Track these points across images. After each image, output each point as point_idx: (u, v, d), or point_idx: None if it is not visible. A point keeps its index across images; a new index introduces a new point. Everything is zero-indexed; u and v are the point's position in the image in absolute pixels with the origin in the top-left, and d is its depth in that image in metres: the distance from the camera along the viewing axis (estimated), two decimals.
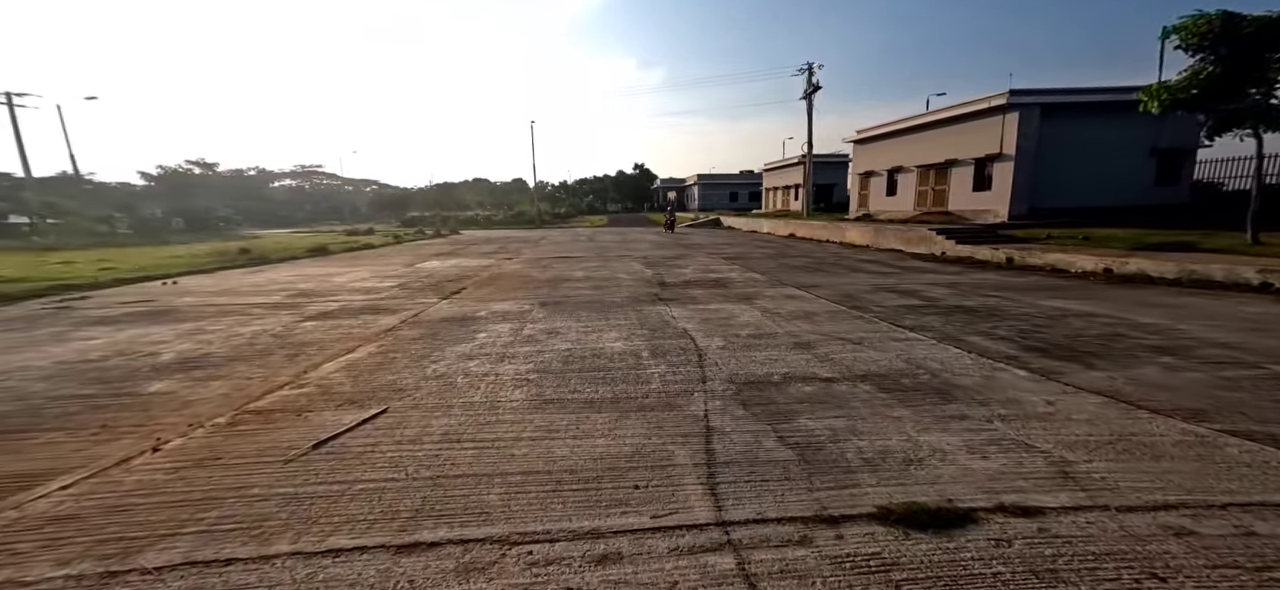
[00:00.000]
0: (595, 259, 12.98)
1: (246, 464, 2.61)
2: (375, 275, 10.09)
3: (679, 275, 9.65)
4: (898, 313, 5.97)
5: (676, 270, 10.44)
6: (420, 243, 20.85)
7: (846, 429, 2.91)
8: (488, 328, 5.57)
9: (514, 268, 11.22)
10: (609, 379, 3.86)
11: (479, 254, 14.96)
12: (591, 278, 9.46)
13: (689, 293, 7.66)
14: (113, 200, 35.18)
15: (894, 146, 20.78)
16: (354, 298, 7.49)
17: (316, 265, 12.16)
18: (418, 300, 7.29)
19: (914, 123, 19.53)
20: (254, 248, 15.10)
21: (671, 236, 22.55)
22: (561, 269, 10.84)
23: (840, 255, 13.15)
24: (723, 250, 15.20)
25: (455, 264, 12.16)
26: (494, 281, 9.14)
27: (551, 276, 9.67)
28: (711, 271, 10.13)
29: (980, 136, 16.15)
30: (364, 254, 15.36)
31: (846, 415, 3.10)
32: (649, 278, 9.34)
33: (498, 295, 7.67)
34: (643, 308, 6.54)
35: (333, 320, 5.97)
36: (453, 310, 6.54)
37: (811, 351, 4.44)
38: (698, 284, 8.50)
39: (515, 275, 9.95)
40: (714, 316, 5.96)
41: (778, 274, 9.54)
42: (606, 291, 7.90)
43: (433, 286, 8.56)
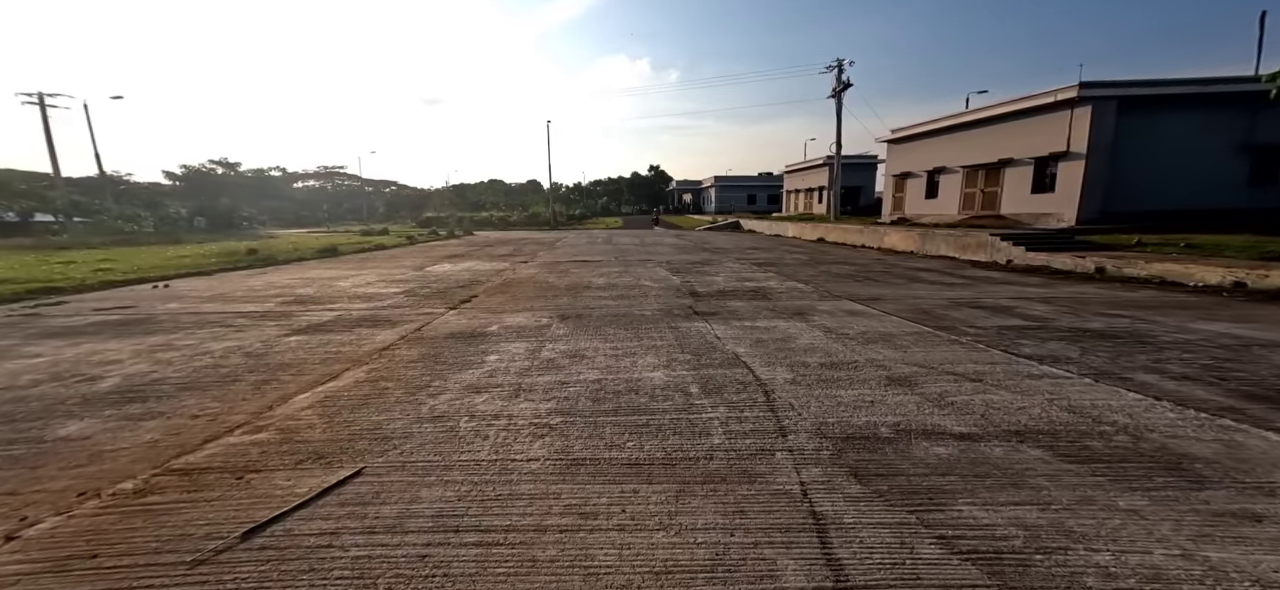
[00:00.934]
0: (615, 264, 12.09)
1: (129, 569, 1.75)
2: (381, 279, 9.34)
3: (711, 283, 8.70)
4: (1004, 336, 4.92)
5: (706, 278, 9.50)
6: (433, 244, 20.24)
7: (1051, 526, 1.95)
8: (500, 348, 4.70)
9: (529, 273, 10.39)
10: (655, 426, 2.95)
11: (493, 257, 14.19)
12: (614, 285, 8.57)
13: (728, 305, 6.71)
14: (140, 199, 35.50)
15: (935, 146, 19.51)
16: (353, 306, 6.70)
17: (323, 267, 11.49)
18: (422, 310, 6.47)
19: (959, 120, 18.25)
20: (264, 248, 14.56)
21: (691, 239, 21.58)
22: (580, 275, 9.97)
23: (886, 262, 12.04)
24: (751, 255, 14.20)
25: (467, 268, 11.38)
26: (508, 289, 8.31)
27: (570, 283, 8.81)
28: (746, 279, 9.16)
29: (1042, 133, 14.80)
30: (374, 255, 14.72)
31: (1035, 501, 2.13)
32: (678, 286, 8.42)
33: (512, 306, 6.82)
34: (678, 324, 5.62)
35: (322, 335, 5.16)
36: (461, 324, 5.69)
37: (916, 390, 3.46)
38: (735, 295, 7.55)
39: (531, 281, 9.11)
40: (767, 337, 5.01)
41: (823, 283, 8.53)
42: (633, 302, 6.99)
43: (441, 294, 7.75)
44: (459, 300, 7.17)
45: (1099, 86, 13.51)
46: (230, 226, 38.32)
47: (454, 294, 7.73)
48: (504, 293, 7.87)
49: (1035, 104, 14.88)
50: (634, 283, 8.87)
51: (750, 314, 6.11)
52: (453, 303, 6.99)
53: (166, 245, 17.42)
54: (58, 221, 28.89)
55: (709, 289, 8.08)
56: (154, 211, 31.91)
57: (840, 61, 24.13)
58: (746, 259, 13.09)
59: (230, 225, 39.41)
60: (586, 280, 9.16)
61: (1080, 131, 13.60)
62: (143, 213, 35.64)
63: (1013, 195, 16.15)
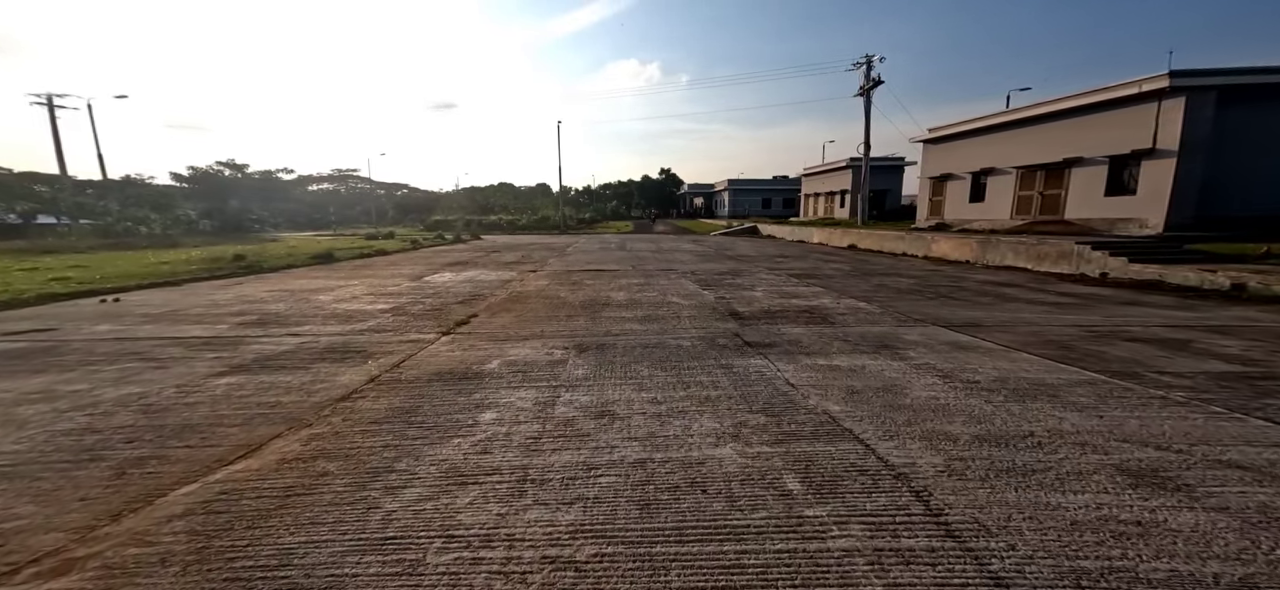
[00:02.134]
0: (634, 274, 10.84)
1: None
2: (370, 292, 8.16)
3: (751, 300, 7.41)
4: (1230, 389, 3.54)
5: (742, 291, 8.20)
6: (438, 249, 19.14)
7: None
8: (500, 399, 3.45)
9: (539, 284, 9.17)
10: (756, 576, 1.68)
11: (499, 265, 13.00)
12: (637, 301, 7.31)
13: (783, 332, 5.42)
14: (148, 201, 35.01)
15: (982, 146, 17.98)
16: (324, 330, 5.50)
17: (310, 276, 10.36)
18: (408, 336, 5.25)
19: (1013, 117, 16.76)
20: (257, 253, 13.52)
21: (710, 245, 20.27)
22: (597, 287, 8.72)
23: (947, 275, 10.63)
24: (782, 264, 12.87)
25: (470, 277, 10.19)
26: (514, 305, 7.08)
27: (586, 298, 7.56)
28: (791, 296, 7.85)
29: (1120, 129, 13.22)
30: (372, 262, 13.60)
31: None
32: (712, 304, 7.14)
33: (518, 329, 5.58)
34: (730, 361, 4.34)
35: (267, 374, 3.94)
36: (452, 358, 4.46)
37: (1194, 501, 2.12)
38: (785, 316, 6.24)
39: (541, 295, 7.88)
40: (859, 384, 3.71)
41: (889, 302, 7.17)
42: (665, 326, 5.72)
43: (434, 312, 6.54)
44: (455, 322, 5.94)
45: (1195, 75, 11.93)
46: (239, 229, 37.76)
47: (450, 312, 6.51)
48: (509, 311, 6.64)
49: (1112, 96, 13.33)
50: (660, 298, 7.60)
51: (818, 346, 4.81)
52: (446, 325, 5.76)
53: (160, 249, 16.49)
54: (63, 224, 28.41)
55: (751, 308, 6.79)
56: (163, 214, 31.40)
57: (869, 58, 22.76)
58: (779, 268, 11.77)
59: (239, 228, 38.87)
60: (604, 295, 7.91)
61: (1171, 126, 12.04)
62: (152, 215, 35.18)
63: (1081, 198, 14.60)
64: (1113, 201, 13.59)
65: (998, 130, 17.22)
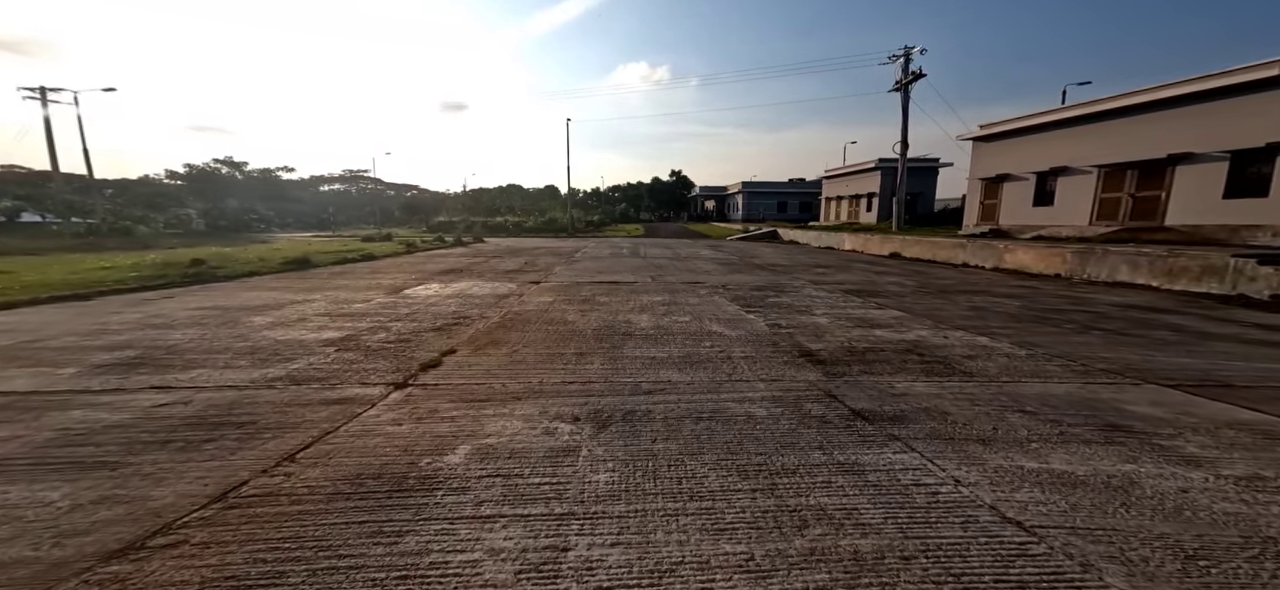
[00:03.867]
0: (655, 288, 9.10)
1: None
2: (329, 311, 6.49)
3: (817, 330, 5.63)
4: None
5: (798, 315, 6.43)
6: (434, 253, 17.54)
7: None
8: (452, 554, 1.70)
9: (540, 302, 7.45)
10: None
11: (498, 273, 11.31)
12: (668, 330, 5.56)
13: (896, 389, 3.65)
14: (143, 199, 34.01)
15: (1050, 142, 15.99)
16: (221, 376, 3.80)
17: (271, 286, 8.73)
18: (344, 389, 3.54)
19: (1091, 109, 14.80)
20: (221, 257, 11.96)
21: (731, 251, 18.48)
22: (613, 306, 7.00)
23: (1053, 294, 8.69)
24: (826, 275, 11.05)
25: (460, 291, 8.50)
26: (507, 333, 5.36)
27: (600, 325, 5.82)
28: (867, 322, 6.05)
29: (1246, 119, 11.28)
30: (354, 269, 11.98)
31: None
32: (767, 335, 5.38)
33: (507, 378, 3.85)
34: (850, 454, 2.61)
35: (21, 485, 2.23)
36: (395, 438, 2.75)
37: None
38: (881, 358, 4.46)
39: (542, 319, 6.16)
40: (1149, 528, 1.90)
41: (1024, 336, 5.31)
42: (716, 373, 3.98)
43: (399, 344, 4.83)
44: (420, 363, 4.22)
45: None
46: (240, 228, 36.66)
47: (419, 346, 4.80)
48: (499, 344, 4.91)
49: (1236, 81, 11.34)
50: (696, 325, 5.85)
51: (984, 423, 3.03)
52: (407, 369, 4.05)
53: (128, 251, 15.02)
54: (51, 222, 27.38)
55: (826, 343, 5.00)
56: (158, 213, 30.32)
57: (907, 50, 20.88)
58: (825, 281, 9.97)
59: (241, 227, 37.76)
60: (623, 319, 6.17)
61: None
62: (153, 215, 34.18)
63: (1189, 200, 12.53)
64: (1236, 204, 11.55)
65: (1071, 125, 15.22)
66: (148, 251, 14.28)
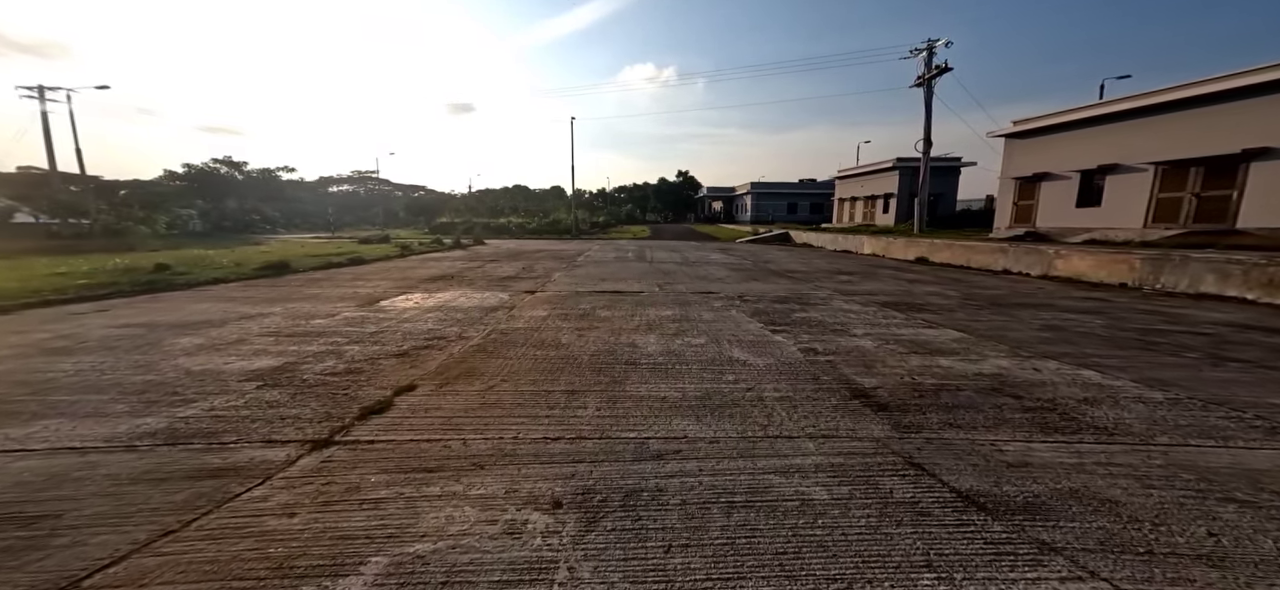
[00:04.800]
0: (663, 297, 8.11)
1: None
2: (278, 329, 5.55)
3: (863, 357, 4.59)
4: None
5: (835, 336, 5.40)
6: (430, 256, 16.65)
7: None
8: None
9: (532, 317, 6.48)
10: None
11: (490, 281, 10.37)
12: (681, 357, 4.56)
13: (1015, 455, 2.62)
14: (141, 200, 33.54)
15: (1096, 138, 14.80)
16: (54, 439, 2.83)
17: (231, 295, 7.83)
18: (228, 456, 2.57)
19: (1146, 102, 13.59)
20: (190, 261, 11.11)
21: (743, 255, 17.45)
22: (614, 324, 6.01)
23: (1145, 310, 7.55)
24: (853, 284, 9.99)
25: (443, 302, 7.55)
26: (486, 360, 4.38)
27: (598, 349, 4.83)
28: (924, 347, 5.00)
29: None
30: (336, 275, 11.08)
31: None
32: (803, 364, 4.36)
33: (472, 429, 2.88)
34: (981, 578, 1.57)
35: None
36: (268, 552, 1.75)
37: None
38: (963, 399, 3.44)
39: (532, 340, 5.18)
40: None
41: (1139, 366, 4.24)
42: (746, 424, 2.99)
43: (342, 378, 3.86)
44: (360, 409, 3.25)
45: None
46: (242, 229, 36.20)
47: (371, 379, 3.83)
48: (471, 378, 3.93)
49: None
50: (713, 349, 4.84)
51: (1206, 525, 1.99)
52: (340, 419, 3.08)
53: (102, 255, 14.25)
54: (44, 222, 26.93)
55: (880, 378, 3.97)
56: (158, 213, 29.82)
57: (931, 43, 19.74)
58: (854, 291, 8.91)
59: (243, 228, 37.30)
60: (626, 341, 5.17)
61: None
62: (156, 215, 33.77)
63: (1269, 200, 11.27)
64: None
65: (1122, 119, 14.01)
66: (122, 254, 13.48)
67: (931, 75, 20.10)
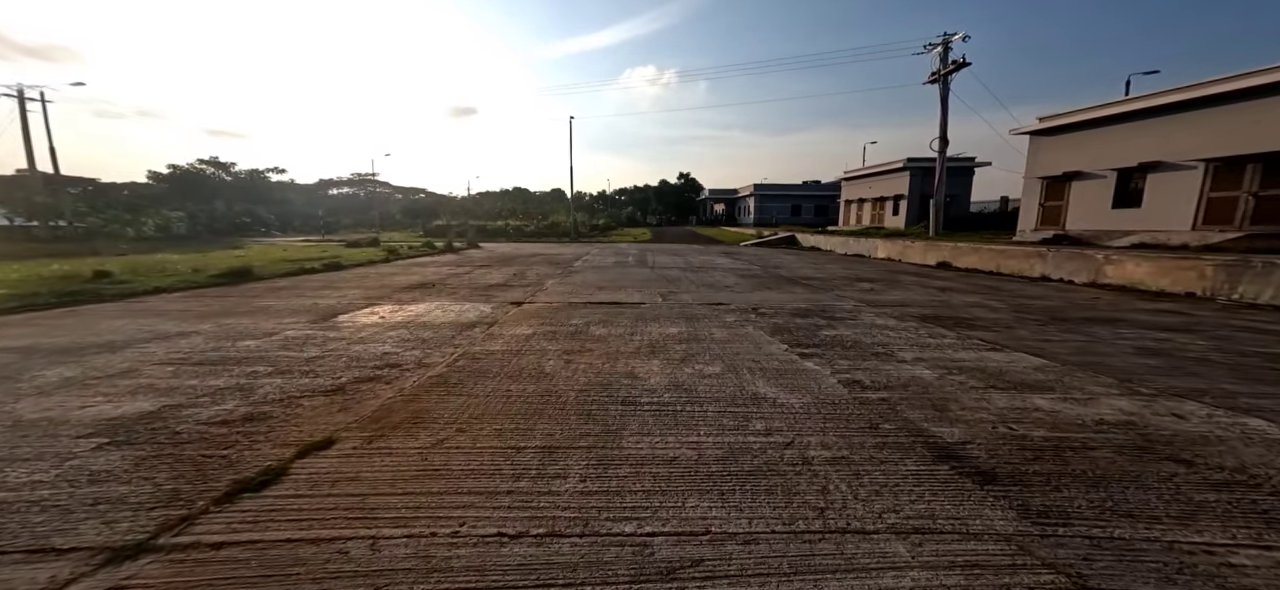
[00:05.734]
0: (667, 310, 7.11)
1: None
2: (183, 358, 4.54)
3: (928, 393, 3.58)
4: None
5: (881, 363, 4.39)
6: (416, 261, 15.65)
7: None
8: None
9: (513, 337, 5.47)
10: None
11: (474, 289, 9.37)
12: (691, 393, 3.55)
13: (1258, 583, 1.58)
14: (122, 202, 32.72)
15: (1135, 133, 13.87)
16: None
17: (162, 310, 6.84)
18: None
19: (1195, 94, 12.48)
20: (140, 268, 10.13)
21: (751, 259, 16.44)
22: (610, 345, 4.99)
23: (1221, 323, 6.57)
24: (877, 294, 8.97)
25: (413, 317, 6.56)
26: (443, 399, 3.36)
27: (590, 381, 3.82)
28: (1008, 378, 3.97)
29: None
30: (303, 282, 10.08)
31: None
32: (846, 402, 3.36)
33: (390, 520, 1.83)
34: None
35: None
36: None
37: None
38: (1126, 472, 2.41)
39: (508, 368, 4.17)
40: None
41: None
42: (799, 512, 1.95)
43: (227, 433, 2.84)
44: (225, 489, 2.22)
45: None
46: (231, 232, 35.33)
47: (270, 432, 2.81)
48: (415, 429, 2.91)
49: None
50: (734, 384, 3.82)
51: None
52: (184, 507, 2.06)
53: (67, 258, 13.27)
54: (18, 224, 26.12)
55: (969, 428, 2.94)
56: (141, 216, 28.94)
57: (947, 37, 18.76)
58: (880, 301, 7.90)
59: (232, 231, 36.42)
60: (625, 369, 4.15)
61: None
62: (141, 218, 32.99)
63: None
64: None
65: (1165, 114, 13.05)
66: (83, 259, 12.48)
67: (948, 71, 19.10)
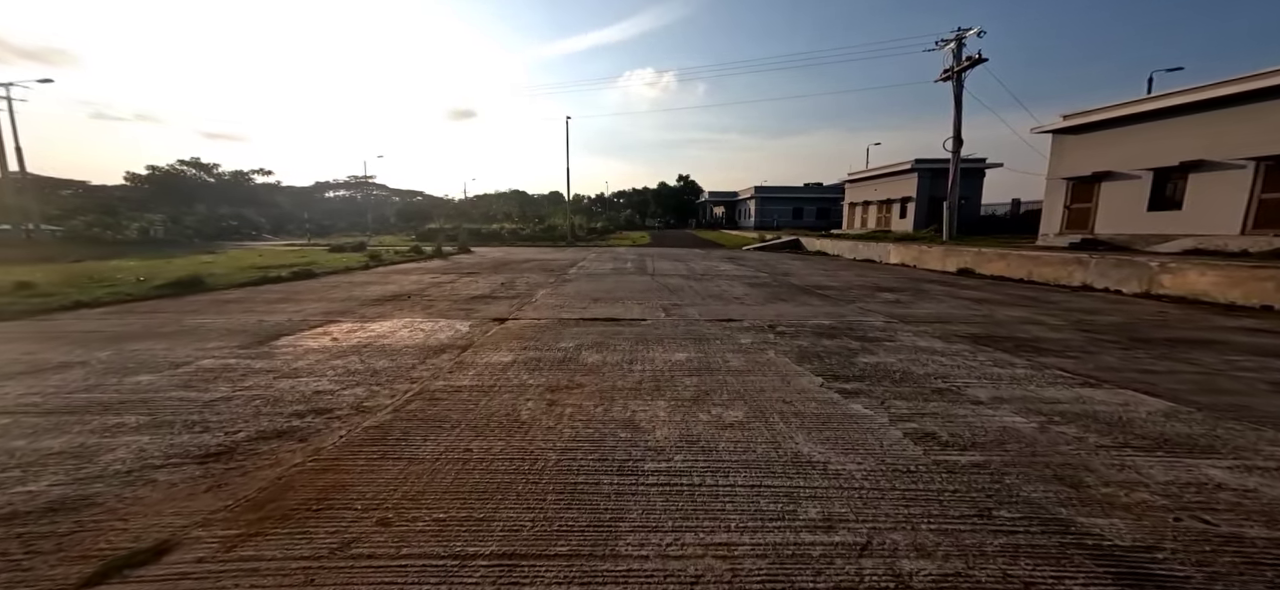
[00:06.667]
0: (672, 331, 6.15)
1: None
2: (41, 404, 3.56)
3: (1040, 455, 2.60)
4: None
5: (951, 406, 3.42)
6: (398, 267, 14.66)
7: None
8: None
9: (489, 365, 4.50)
10: None
11: (455, 302, 8.41)
12: (711, 456, 2.56)
13: None
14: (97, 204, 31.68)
15: (1174, 131, 13.03)
16: None
17: (60, 332, 5.86)
18: None
19: (1245, 87, 11.51)
20: (85, 275, 9.14)
21: (757, 265, 15.49)
22: (604, 379, 4.01)
23: None
24: (904, 305, 8.02)
25: (372, 339, 5.57)
26: (371, 467, 2.37)
27: (578, 434, 2.84)
28: (1160, 437, 2.99)
29: None
30: (261, 294, 9.09)
31: None
32: (928, 471, 2.36)
33: None
34: None
35: None
36: None
37: None
38: None
39: (472, 415, 3.18)
40: None
41: None
42: None
43: (8, 538, 1.85)
44: None
45: None
46: (216, 236, 34.24)
47: (71, 542, 1.82)
48: (316, 519, 1.91)
49: None
50: (766, 440, 2.84)
51: None
52: None
53: (22, 264, 12.26)
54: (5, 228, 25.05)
55: (1148, 527, 1.96)
56: (115, 218, 27.94)
57: (960, 32, 17.87)
58: (913, 316, 6.93)
59: (217, 234, 35.33)
60: (622, 416, 3.17)
61: None
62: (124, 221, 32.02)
63: None
64: None
65: (1210, 108, 12.06)
66: (32, 266, 11.45)
67: (961, 68, 18.21)
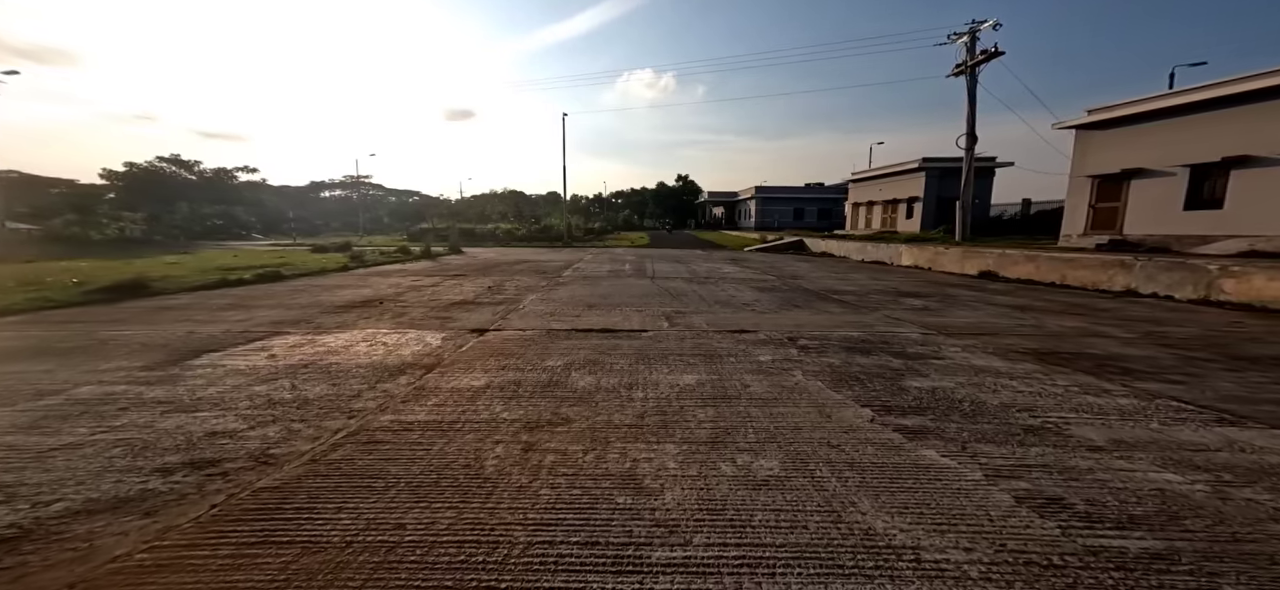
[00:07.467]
0: (677, 345, 5.30)
1: None
2: None
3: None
4: None
5: (1068, 454, 2.56)
6: (381, 268, 13.78)
7: None
8: None
9: (456, 391, 3.63)
10: None
11: (432, 308, 7.55)
12: (749, 542, 1.67)
13: None
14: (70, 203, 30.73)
15: (1213, 125, 12.28)
16: None
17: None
18: None
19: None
20: (15, 277, 8.23)
21: (762, 267, 14.67)
22: (598, 410, 3.15)
23: None
24: (930, 311, 7.18)
25: (319, 354, 4.71)
26: (229, 580, 1.51)
27: (557, 499, 1.96)
28: None
29: None
30: (216, 297, 8.21)
31: None
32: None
33: None
34: None
35: None
36: None
37: None
38: None
39: (419, 463, 2.30)
40: None
41: None
42: None
43: None
44: None
45: None
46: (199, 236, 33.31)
47: None
48: None
49: None
50: (814, 503, 1.98)
51: None
52: None
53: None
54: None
55: None
56: (90, 216, 27.04)
57: (974, 25, 17.08)
58: (953, 327, 6.10)
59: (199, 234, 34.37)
60: (618, 470, 2.29)
61: None
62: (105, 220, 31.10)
63: None
64: None
65: (1252, 101, 11.23)
66: None
67: (975, 62, 17.44)
